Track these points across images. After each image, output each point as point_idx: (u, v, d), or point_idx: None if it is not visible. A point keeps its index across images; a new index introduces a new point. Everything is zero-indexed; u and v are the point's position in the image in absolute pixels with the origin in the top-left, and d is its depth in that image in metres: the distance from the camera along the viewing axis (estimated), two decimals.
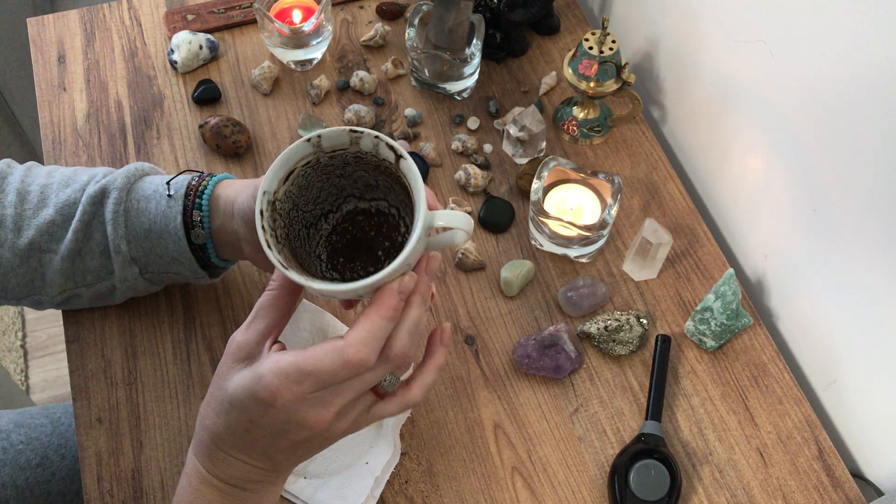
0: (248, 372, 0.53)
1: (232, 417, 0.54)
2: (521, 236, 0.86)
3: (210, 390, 0.56)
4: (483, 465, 0.73)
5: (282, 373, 0.51)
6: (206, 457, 0.56)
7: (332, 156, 0.56)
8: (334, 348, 0.52)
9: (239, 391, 0.53)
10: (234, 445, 0.55)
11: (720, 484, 0.73)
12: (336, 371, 0.51)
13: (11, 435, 0.87)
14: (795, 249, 0.78)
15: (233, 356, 0.55)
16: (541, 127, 0.87)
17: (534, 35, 1.00)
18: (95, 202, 0.69)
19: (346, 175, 0.59)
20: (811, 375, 0.81)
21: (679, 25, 0.88)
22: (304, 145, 0.55)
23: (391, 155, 0.55)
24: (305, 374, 0.51)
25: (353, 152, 0.56)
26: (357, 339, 0.52)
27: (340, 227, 0.63)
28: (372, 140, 0.54)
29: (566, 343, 0.77)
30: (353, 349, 0.51)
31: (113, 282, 0.71)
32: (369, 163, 0.57)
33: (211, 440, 0.56)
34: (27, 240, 0.68)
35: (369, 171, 0.58)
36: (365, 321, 0.52)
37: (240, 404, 0.53)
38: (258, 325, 0.56)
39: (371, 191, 0.61)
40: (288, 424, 0.53)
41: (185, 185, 0.69)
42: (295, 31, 0.91)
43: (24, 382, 1.63)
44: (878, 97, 0.62)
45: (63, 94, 0.94)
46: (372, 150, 0.55)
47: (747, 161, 0.82)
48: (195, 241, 0.68)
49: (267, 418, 0.53)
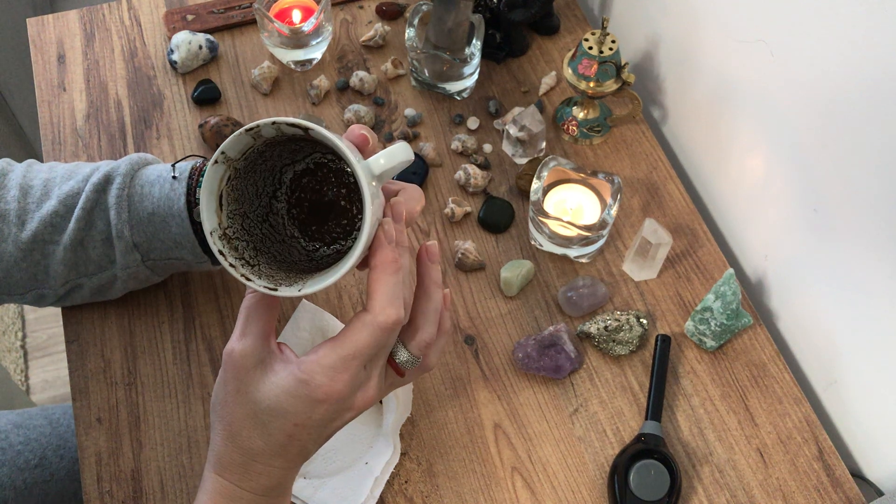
0: (282, 379, 0.52)
1: (274, 427, 0.53)
2: (520, 236, 0.86)
3: (227, 411, 0.54)
4: (483, 465, 0.73)
5: (328, 368, 0.52)
6: (240, 474, 0.54)
7: (246, 158, 0.55)
8: (364, 323, 0.52)
9: (282, 399, 0.52)
10: (275, 454, 0.54)
11: (720, 484, 0.73)
12: (376, 342, 0.53)
13: (10, 436, 0.87)
14: (795, 249, 0.78)
15: (243, 367, 0.53)
16: (541, 127, 0.87)
17: (534, 35, 1.00)
18: (99, 189, 0.69)
19: (269, 159, 0.58)
20: (811, 375, 0.81)
21: (679, 25, 0.88)
22: (215, 168, 0.53)
23: (298, 131, 0.53)
24: (349, 359, 0.52)
25: (261, 143, 0.55)
26: (382, 303, 0.53)
27: (294, 199, 0.61)
28: (271, 127, 0.53)
29: (566, 343, 0.76)
30: (384, 315, 0.52)
31: (115, 271, 0.71)
32: (280, 141, 0.55)
33: (247, 456, 0.54)
34: (31, 232, 0.68)
35: (287, 146, 0.57)
36: (379, 285, 0.53)
37: (283, 412, 0.52)
38: (254, 328, 0.54)
39: (299, 152, 0.59)
40: (337, 413, 0.53)
41: (189, 168, 0.69)
42: (295, 31, 0.91)
43: (24, 383, 1.63)
44: (878, 97, 0.62)
45: (63, 94, 0.94)
46: (277, 135, 0.54)
47: (747, 161, 0.82)
48: (198, 219, 0.68)
49: (316, 415, 0.53)
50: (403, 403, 0.73)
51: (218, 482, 0.54)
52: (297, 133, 0.53)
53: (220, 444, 0.54)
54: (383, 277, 0.53)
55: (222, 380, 0.54)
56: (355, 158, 0.52)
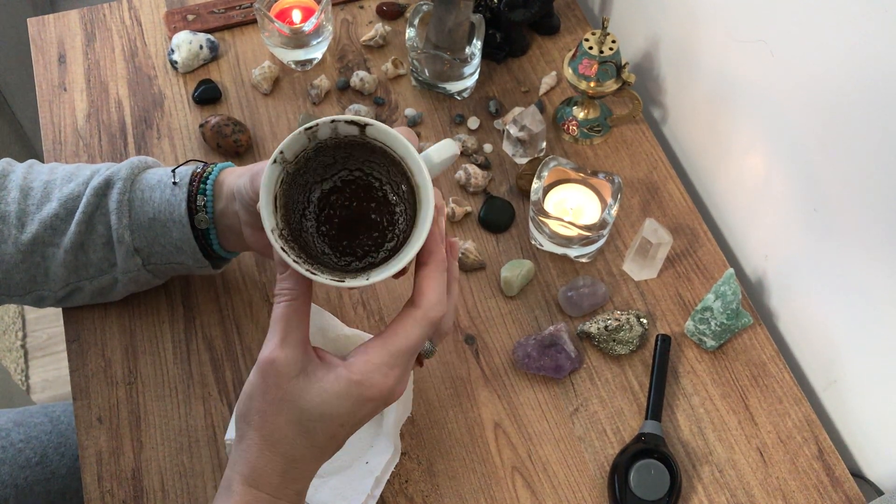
0: (330, 383, 0.52)
1: (318, 432, 0.53)
2: (521, 236, 0.86)
3: (267, 420, 0.53)
4: (483, 464, 0.73)
5: (382, 365, 0.52)
6: (279, 482, 0.53)
7: (297, 162, 0.55)
8: (416, 318, 0.53)
9: (334, 402, 0.52)
10: (315, 458, 0.54)
11: (720, 484, 0.73)
12: (425, 337, 0.54)
13: (11, 434, 0.87)
14: (795, 249, 0.78)
15: (286, 376, 0.52)
16: (541, 127, 0.87)
17: (534, 35, 1.00)
18: (99, 193, 0.69)
19: (308, 171, 0.58)
20: (811, 375, 0.81)
21: (679, 25, 0.88)
22: (272, 168, 0.54)
23: (354, 129, 0.53)
24: (401, 354, 0.53)
25: (313, 147, 0.55)
26: (432, 299, 0.53)
27: (322, 216, 0.62)
28: (329, 126, 0.53)
29: (566, 343, 0.77)
30: (434, 311, 0.53)
31: (115, 274, 0.71)
32: (328, 146, 0.56)
33: (289, 464, 0.53)
34: (31, 234, 0.68)
35: (327, 153, 0.57)
36: (431, 281, 0.54)
37: (333, 415, 0.52)
38: (293, 336, 0.53)
39: (328, 169, 0.60)
40: (378, 407, 0.54)
41: (190, 174, 0.69)
42: (295, 31, 0.91)
43: (25, 382, 1.63)
44: (879, 97, 0.62)
45: (63, 94, 0.94)
46: (332, 135, 0.54)
47: (747, 161, 0.82)
48: (199, 225, 0.68)
49: (361, 413, 0.53)
50: (403, 403, 0.73)
51: (251, 494, 0.53)
52: (350, 133, 0.54)
53: (257, 453, 0.53)
54: (435, 274, 0.54)
55: (261, 390, 0.53)
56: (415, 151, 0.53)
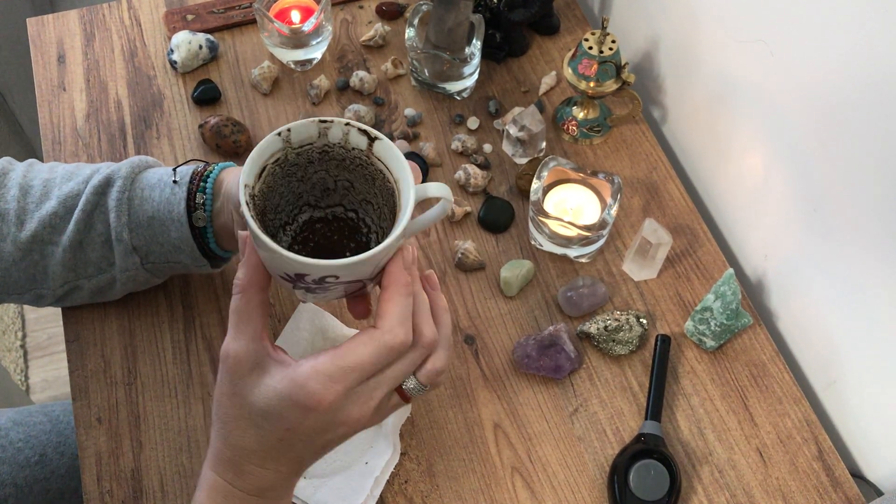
0: (277, 382, 0.52)
1: (266, 430, 0.53)
2: (520, 236, 0.86)
3: (223, 410, 0.54)
4: (483, 464, 0.73)
5: (324, 374, 0.51)
6: (233, 473, 0.54)
7: (299, 152, 0.55)
8: (371, 338, 0.52)
9: (274, 402, 0.52)
10: (267, 457, 0.54)
11: (720, 484, 0.73)
12: (379, 359, 0.52)
13: (10, 433, 0.87)
14: (795, 249, 0.78)
15: (238, 369, 0.53)
16: (541, 127, 0.87)
17: (534, 35, 1.00)
18: (99, 192, 0.69)
19: (306, 178, 0.58)
20: (811, 375, 0.81)
21: (679, 25, 0.88)
22: (274, 139, 0.53)
23: (363, 140, 0.53)
24: (349, 371, 0.51)
25: (319, 146, 0.55)
26: (391, 322, 0.52)
27: (300, 237, 0.61)
28: (342, 128, 0.53)
29: (566, 343, 0.76)
30: (391, 334, 0.52)
31: (114, 273, 0.71)
32: (335, 157, 0.55)
33: (239, 457, 0.54)
34: (29, 232, 0.68)
35: (331, 170, 0.57)
36: (390, 304, 0.53)
37: (276, 415, 0.52)
38: (247, 329, 0.53)
39: (328, 196, 0.60)
40: (329, 424, 0.53)
41: (191, 172, 0.69)
42: (295, 31, 0.91)
43: (24, 382, 1.63)
44: (879, 97, 0.62)
45: (63, 94, 0.94)
46: (341, 139, 0.54)
47: (747, 161, 0.82)
48: (196, 223, 0.68)
49: (307, 423, 0.52)
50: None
51: (214, 478, 0.55)
52: (359, 146, 0.53)
53: (217, 441, 0.55)
54: (396, 297, 0.53)
55: (219, 380, 0.54)
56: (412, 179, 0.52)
